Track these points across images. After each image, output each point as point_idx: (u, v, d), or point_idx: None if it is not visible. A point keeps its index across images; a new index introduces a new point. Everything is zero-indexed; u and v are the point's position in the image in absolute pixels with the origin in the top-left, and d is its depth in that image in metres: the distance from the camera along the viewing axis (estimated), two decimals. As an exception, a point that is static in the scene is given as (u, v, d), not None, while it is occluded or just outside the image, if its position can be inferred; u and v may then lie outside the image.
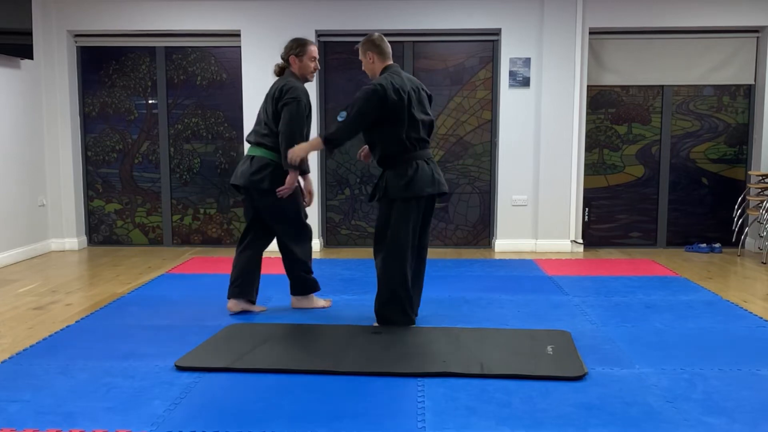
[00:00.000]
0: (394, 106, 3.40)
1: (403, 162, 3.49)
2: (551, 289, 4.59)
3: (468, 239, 6.53)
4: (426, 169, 3.51)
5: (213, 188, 6.55)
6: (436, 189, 3.54)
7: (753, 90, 6.30)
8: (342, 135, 3.48)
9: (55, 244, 6.35)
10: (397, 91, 3.41)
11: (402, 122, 3.44)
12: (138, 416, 2.49)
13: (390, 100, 3.39)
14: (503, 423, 2.44)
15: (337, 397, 2.67)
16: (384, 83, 3.41)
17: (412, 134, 3.48)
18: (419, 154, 3.52)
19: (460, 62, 6.34)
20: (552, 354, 3.13)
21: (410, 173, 3.48)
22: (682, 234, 6.49)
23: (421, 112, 3.53)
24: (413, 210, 3.51)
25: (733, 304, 4.20)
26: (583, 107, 6.13)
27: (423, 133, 3.53)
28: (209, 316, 3.89)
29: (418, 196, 3.50)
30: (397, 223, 3.50)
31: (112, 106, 6.49)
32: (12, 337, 3.55)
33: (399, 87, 3.42)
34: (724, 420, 2.47)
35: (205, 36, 6.32)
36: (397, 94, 3.40)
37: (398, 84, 3.43)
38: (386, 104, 3.39)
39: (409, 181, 3.47)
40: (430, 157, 3.59)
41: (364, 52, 3.62)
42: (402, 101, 3.41)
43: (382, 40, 3.61)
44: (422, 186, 3.49)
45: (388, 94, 3.38)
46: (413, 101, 3.48)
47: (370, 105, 3.40)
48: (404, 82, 3.48)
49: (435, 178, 3.54)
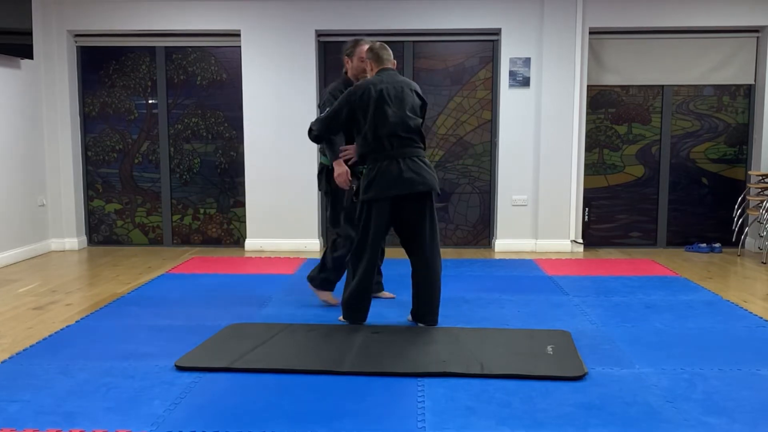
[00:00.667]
0: (359, 102, 3.47)
1: (373, 161, 3.51)
2: (551, 289, 4.59)
3: (468, 239, 6.52)
4: (393, 168, 3.44)
5: (213, 188, 6.55)
6: (406, 189, 3.44)
7: (753, 90, 6.30)
8: (319, 128, 3.62)
9: (55, 244, 6.35)
10: (363, 88, 3.48)
11: (366, 121, 3.46)
12: (138, 416, 2.49)
13: (353, 97, 3.49)
14: (503, 423, 2.43)
15: (337, 397, 2.67)
16: (358, 84, 3.54)
17: (383, 131, 3.46)
18: (395, 153, 3.47)
19: (460, 62, 6.34)
20: (552, 354, 3.13)
21: (371, 175, 3.48)
22: (682, 234, 6.49)
23: (398, 109, 3.48)
24: (375, 212, 3.48)
25: (733, 304, 4.20)
26: (583, 107, 6.13)
27: (400, 130, 3.48)
28: (209, 316, 3.89)
29: (378, 199, 3.46)
30: (361, 223, 3.54)
31: (112, 106, 6.49)
32: (12, 337, 3.54)
33: (368, 85, 3.48)
34: (724, 420, 2.47)
35: (205, 36, 6.32)
36: (361, 90, 3.48)
37: (370, 83, 3.50)
38: (352, 103, 3.49)
39: (370, 182, 3.47)
40: (413, 155, 3.51)
41: (361, 59, 3.69)
42: (362, 100, 3.46)
43: (382, 47, 3.65)
44: (385, 187, 3.44)
45: (356, 92, 3.50)
46: (388, 98, 3.47)
47: (341, 103, 3.53)
48: (380, 81, 3.51)
49: (404, 178, 3.43)
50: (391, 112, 3.46)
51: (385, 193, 3.44)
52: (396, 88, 3.51)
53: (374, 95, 3.46)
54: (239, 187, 6.47)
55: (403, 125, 3.49)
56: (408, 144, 3.51)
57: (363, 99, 3.48)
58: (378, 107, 3.45)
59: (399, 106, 3.49)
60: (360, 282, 3.55)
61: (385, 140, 3.46)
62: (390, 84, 3.52)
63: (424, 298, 3.61)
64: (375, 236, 3.51)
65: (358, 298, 3.59)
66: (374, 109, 3.45)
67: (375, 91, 3.47)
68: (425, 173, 3.49)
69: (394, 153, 3.47)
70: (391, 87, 3.50)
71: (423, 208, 3.53)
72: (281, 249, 6.30)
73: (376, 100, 3.45)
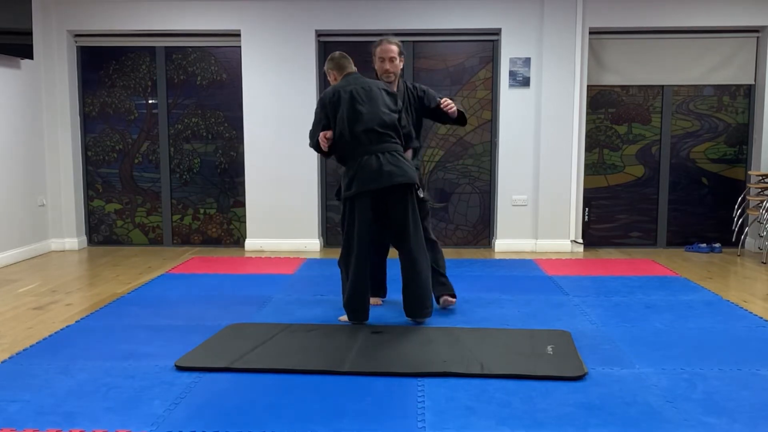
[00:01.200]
0: (331, 105, 3.59)
1: (350, 159, 3.58)
2: (551, 289, 4.59)
3: (468, 239, 6.53)
4: (372, 163, 3.51)
5: (213, 188, 6.55)
6: (385, 182, 3.49)
7: (753, 90, 6.30)
8: (310, 139, 3.73)
9: (55, 244, 6.35)
10: (332, 92, 3.62)
11: (343, 120, 3.54)
12: (138, 416, 2.49)
13: (325, 101, 3.63)
14: (503, 423, 2.43)
15: (338, 397, 2.67)
16: (327, 89, 3.70)
17: (358, 127, 3.53)
18: (374, 148, 3.54)
19: (460, 62, 6.34)
20: (552, 354, 3.13)
21: (351, 172, 3.56)
22: (682, 234, 6.49)
23: (371, 105, 3.56)
24: (357, 208, 3.54)
25: (733, 304, 4.20)
26: (583, 107, 6.13)
27: (376, 125, 3.53)
28: (209, 316, 3.89)
29: (358, 193, 3.52)
30: (346, 221, 3.61)
31: (112, 106, 6.49)
32: (12, 337, 3.55)
33: (337, 89, 3.61)
34: (724, 420, 2.47)
35: (205, 36, 6.32)
36: (330, 93, 3.62)
37: (338, 86, 3.63)
38: (326, 107, 3.62)
39: (351, 180, 3.54)
40: (391, 150, 3.56)
41: (328, 72, 3.80)
42: (334, 102, 3.58)
43: (342, 56, 3.77)
44: (364, 182, 3.50)
45: (326, 96, 3.64)
46: (359, 97, 3.56)
47: (317, 111, 3.68)
48: (348, 84, 3.62)
49: (384, 171, 3.49)
50: (364, 110, 3.54)
51: (366, 186, 3.50)
52: (364, 88, 3.61)
53: (345, 96, 3.57)
54: (239, 187, 6.48)
55: (378, 120, 3.56)
56: (385, 140, 3.57)
57: (334, 101, 3.59)
58: (351, 106, 3.55)
59: (371, 103, 3.57)
60: (354, 282, 3.57)
61: (362, 136, 3.53)
62: (358, 85, 3.61)
63: (411, 291, 3.63)
64: (360, 233, 3.54)
65: (355, 297, 3.60)
66: (347, 108, 3.54)
67: (345, 92, 3.58)
68: (405, 166, 3.56)
69: (372, 148, 3.53)
70: (359, 87, 3.60)
71: (405, 201, 3.59)
72: (281, 249, 6.31)
73: (347, 101, 3.55)
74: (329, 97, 3.61)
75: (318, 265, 5.56)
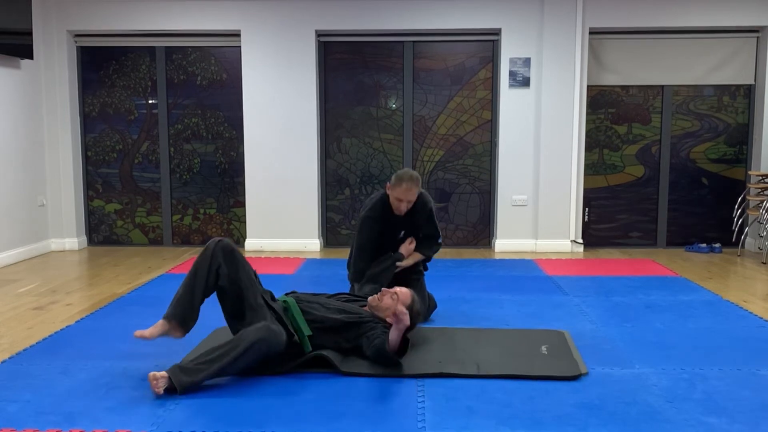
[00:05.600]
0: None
1: None
2: (551, 289, 4.59)
3: (468, 239, 6.53)
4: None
5: (213, 188, 6.55)
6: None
7: (753, 90, 6.30)
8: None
9: (55, 244, 6.35)
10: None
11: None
12: (138, 416, 2.49)
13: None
14: (503, 423, 2.43)
15: (337, 397, 2.67)
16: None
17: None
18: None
19: (460, 62, 6.34)
20: (547, 354, 3.13)
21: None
22: (682, 234, 6.49)
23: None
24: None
25: (733, 304, 4.20)
26: (583, 107, 6.13)
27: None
28: (209, 316, 3.88)
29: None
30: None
31: (112, 106, 6.49)
32: (12, 337, 3.55)
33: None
34: (724, 420, 2.47)
35: (205, 36, 6.32)
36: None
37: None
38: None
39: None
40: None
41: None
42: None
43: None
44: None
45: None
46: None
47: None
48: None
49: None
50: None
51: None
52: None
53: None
54: (239, 187, 6.48)
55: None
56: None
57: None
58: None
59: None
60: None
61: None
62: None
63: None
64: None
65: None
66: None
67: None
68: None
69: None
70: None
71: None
72: (281, 249, 6.31)
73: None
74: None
75: (318, 265, 5.56)
